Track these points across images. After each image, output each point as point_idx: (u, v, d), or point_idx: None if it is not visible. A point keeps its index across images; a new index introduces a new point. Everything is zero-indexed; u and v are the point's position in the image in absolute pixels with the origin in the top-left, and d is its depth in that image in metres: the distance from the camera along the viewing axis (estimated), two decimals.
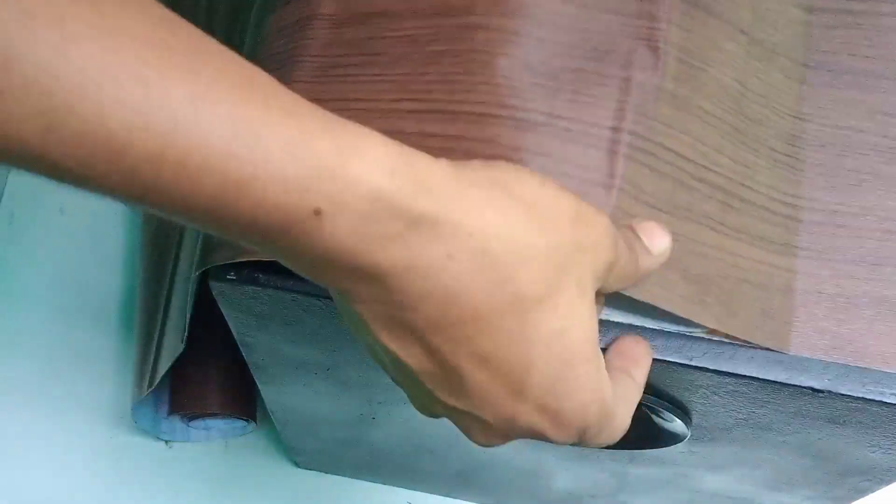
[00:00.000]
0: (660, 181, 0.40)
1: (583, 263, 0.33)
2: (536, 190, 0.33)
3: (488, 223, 0.31)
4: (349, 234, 0.29)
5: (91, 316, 0.82)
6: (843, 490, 0.55)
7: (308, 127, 0.28)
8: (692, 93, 0.41)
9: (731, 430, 0.49)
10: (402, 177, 0.30)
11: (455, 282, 0.31)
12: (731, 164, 0.42)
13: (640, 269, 0.37)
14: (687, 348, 0.42)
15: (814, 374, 0.42)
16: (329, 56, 0.42)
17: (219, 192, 0.27)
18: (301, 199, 0.28)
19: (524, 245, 0.32)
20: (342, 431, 0.64)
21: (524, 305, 0.32)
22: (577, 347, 0.34)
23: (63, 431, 0.78)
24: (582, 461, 0.60)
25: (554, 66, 0.40)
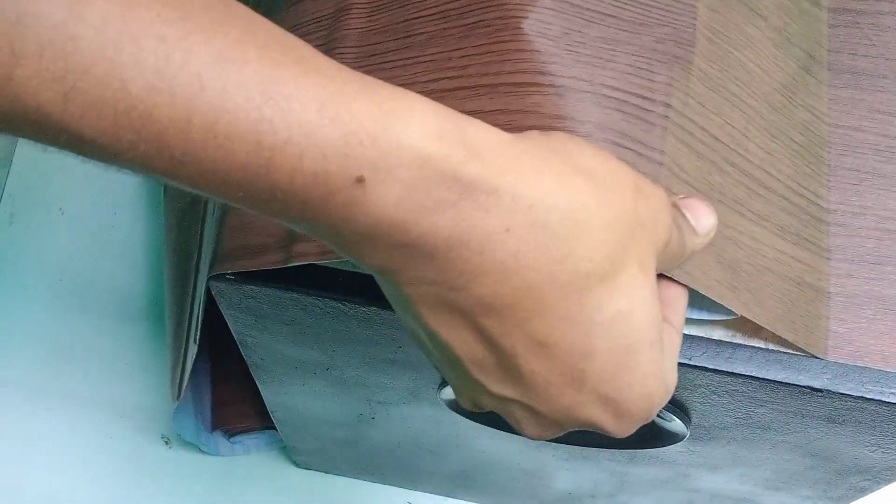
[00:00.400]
0: (697, 161, 0.39)
1: (644, 239, 0.31)
2: (595, 159, 0.30)
3: (548, 193, 0.28)
4: (395, 205, 0.27)
5: (91, 316, 0.82)
6: (842, 489, 0.55)
7: (346, 88, 0.26)
8: (722, 74, 0.40)
9: (731, 429, 0.49)
10: (451, 141, 0.27)
11: (512, 258, 0.28)
12: (756, 149, 0.41)
13: (687, 249, 0.34)
14: (686, 348, 0.42)
15: (813, 373, 0.42)
16: (367, 45, 0.40)
17: (251, 160, 0.25)
18: (341, 167, 0.26)
19: (586, 218, 0.29)
20: (341, 431, 0.64)
21: (585, 284, 0.29)
22: (641, 331, 0.31)
23: (63, 431, 0.78)
24: (582, 461, 0.60)
25: (590, 34, 0.38)
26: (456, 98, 0.37)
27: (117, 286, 0.82)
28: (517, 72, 0.37)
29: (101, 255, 0.83)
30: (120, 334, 0.81)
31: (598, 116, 0.37)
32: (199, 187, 0.27)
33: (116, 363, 0.80)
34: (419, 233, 0.28)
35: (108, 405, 0.79)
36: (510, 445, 0.59)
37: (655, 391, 0.32)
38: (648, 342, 0.31)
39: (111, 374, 0.80)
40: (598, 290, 0.30)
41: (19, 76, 0.23)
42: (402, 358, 0.48)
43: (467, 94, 0.37)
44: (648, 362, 0.32)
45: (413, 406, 0.55)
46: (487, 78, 0.37)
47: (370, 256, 0.29)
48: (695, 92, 0.39)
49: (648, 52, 0.38)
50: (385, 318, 0.43)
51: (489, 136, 0.28)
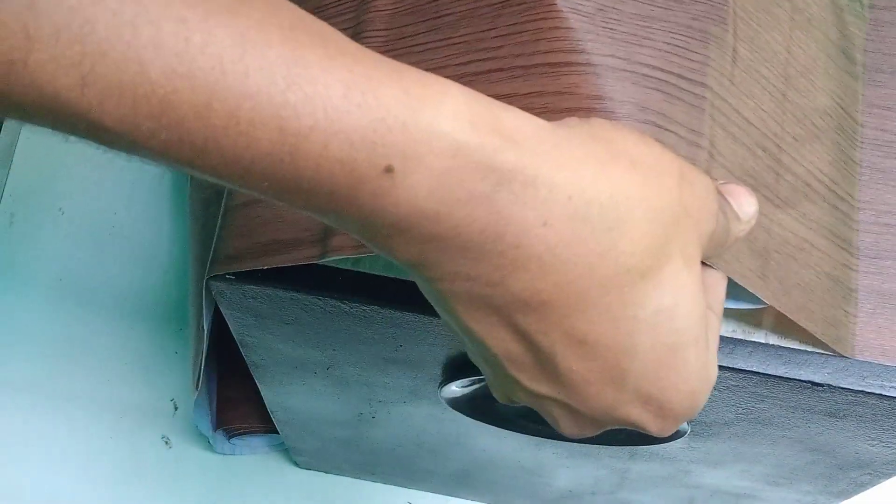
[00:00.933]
0: (733, 144, 0.37)
1: (689, 230, 0.29)
2: (638, 146, 0.29)
3: (588, 183, 0.27)
4: (427, 196, 0.26)
5: (91, 316, 0.82)
6: (843, 484, 0.55)
7: (373, 73, 0.25)
8: (753, 55, 0.39)
9: (731, 424, 0.49)
10: (485, 129, 0.26)
11: (549, 252, 0.27)
12: (782, 133, 0.40)
13: (731, 236, 0.33)
14: None
15: (814, 368, 0.42)
16: (395, 28, 0.39)
17: (275, 147, 0.24)
18: (369, 155, 0.25)
19: (628, 209, 0.28)
20: (342, 431, 0.64)
21: (627, 279, 0.28)
22: (685, 328, 0.29)
23: (63, 430, 0.78)
24: (583, 458, 0.60)
25: (625, 10, 0.36)
26: (489, 81, 0.36)
27: (117, 286, 0.82)
28: (552, 51, 0.35)
29: (101, 255, 0.83)
30: (120, 334, 0.81)
31: (638, 97, 0.35)
32: (222, 177, 0.26)
33: (116, 363, 0.80)
34: (452, 225, 0.26)
35: (108, 405, 0.79)
36: (511, 444, 0.59)
37: (700, 388, 0.31)
38: (693, 339, 0.30)
39: (111, 373, 0.80)
40: (641, 286, 0.28)
41: (35, 61, 0.22)
42: (402, 357, 0.48)
43: (501, 77, 0.36)
44: (693, 360, 0.30)
45: (413, 405, 0.55)
46: (522, 59, 0.35)
47: (401, 250, 0.28)
48: (730, 73, 0.37)
49: (684, 30, 0.36)
50: (385, 317, 0.43)
51: (526, 124, 0.27)
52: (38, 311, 0.82)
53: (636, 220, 0.28)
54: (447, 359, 0.47)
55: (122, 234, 0.84)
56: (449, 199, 0.26)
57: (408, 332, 0.44)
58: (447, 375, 0.48)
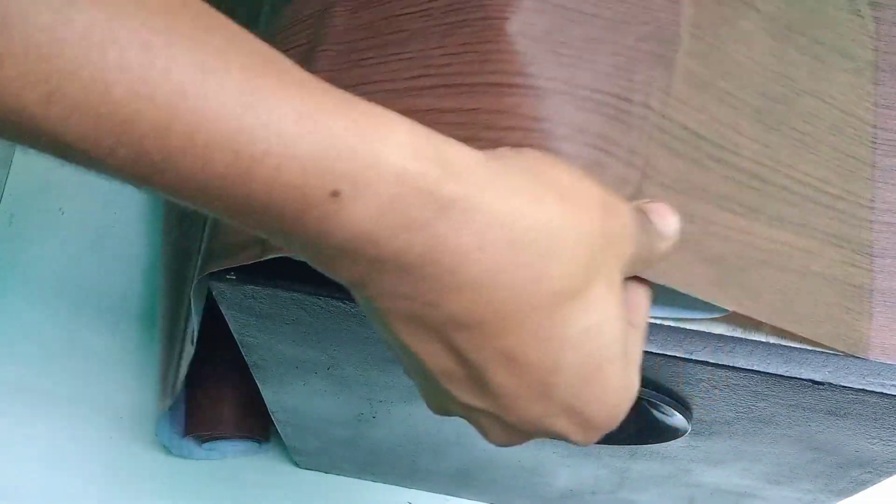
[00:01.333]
0: (675, 160, 0.39)
1: (611, 255, 0.32)
2: (566, 178, 0.31)
3: (522, 212, 0.29)
4: (371, 220, 0.27)
5: (91, 316, 0.82)
6: (843, 483, 0.55)
7: (326, 103, 0.27)
8: (707, 70, 0.40)
9: (732, 423, 0.49)
10: (428, 159, 0.28)
11: (485, 275, 0.29)
12: (749, 143, 0.41)
13: (655, 254, 0.35)
14: (687, 342, 0.42)
15: (814, 366, 0.42)
16: (349, 42, 0.40)
17: (229, 170, 0.26)
18: (318, 180, 0.26)
19: (559, 237, 0.30)
20: (342, 430, 0.64)
21: (556, 301, 0.30)
22: (609, 345, 0.32)
23: (63, 430, 0.78)
24: (583, 458, 0.60)
25: (572, 34, 0.38)
26: (435, 95, 0.37)
27: (117, 287, 0.82)
28: (498, 72, 0.37)
29: (101, 256, 0.83)
30: (120, 335, 0.81)
31: (577, 119, 0.37)
32: (176, 195, 0.27)
33: (116, 363, 0.80)
34: (393, 249, 0.28)
35: (107, 406, 0.79)
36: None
37: (621, 402, 0.33)
38: (616, 355, 0.32)
39: (111, 374, 0.80)
40: (568, 307, 0.30)
41: (3, 77, 0.23)
42: None
43: (447, 92, 0.37)
44: (615, 375, 0.32)
45: (414, 405, 0.55)
46: (469, 77, 0.37)
47: (343, 270, 0.29)
48: (676, 90, 0.39)
49: (629, 52, 0.38)
50: None
51: (465, 156, 0.29)
52: (37, 311, 0.82)
53: (566, 248, 0.30)
54: None
55: (122, 235, 0.84)
56: (391, 225, 0.27)
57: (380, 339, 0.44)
58: None
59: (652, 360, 0.43)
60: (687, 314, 0.42)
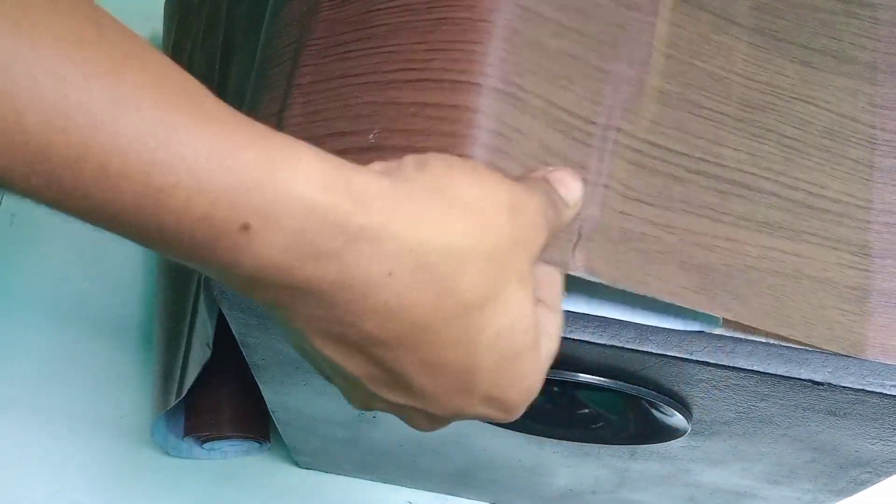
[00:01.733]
0: (650, 177, 0.40)
1: (521, 254, 0.33)
2: (471, 187, 0.32)
3: (427, 237, 0.30)
4: (280, 252, 0.28)
5: (92, 317, 0.82)
6: (842, 483, 0.55)
7: (237, 137, 0.27)
8: (682, 88, 0.42)
9: (732, 423, 0.49)
10: (336, 191, 0.28)
11: (395, 298, 0.30)
12: (732, 153, 0.42)
13: (562, 223, 0.37)
14: (687, 343, 0.42)
15: (814, 366, 0.42)
16: (332, 35, 0.41)
17: (140, 200, 0.26)
18: (228, 213, 0.27)
19: (464, 254, 0.31)
20: (343, 430, 0.64)
21: (467, 311, 0.32)
22: (521, 341, 0.34)
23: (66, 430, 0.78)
24: (583, 458, 0.60)
25: (554, 47, 0.39)
26: (416, 89, 0.38)
27: (117, 287, 0.82)
28: (481, 74, 0.38)
29: (101, 256, 0.83)
30: (121, 335, 0.81)
31: (546, 137, 0.38)
32: (88, 221, 0.27)
33: (117, 364, 0.80)
34: (304, 277, 0.29)
35: (108, 406, 0.79)
36: (511, 443, 0.59)
37: (534, 382, 0.35)
38: (528, 347, 0.34)
39: (111, 374, 0.80)
40: (480, 315, 0.32)
41: None
42: None
43: (429, 86, 0.38)
44: (527, 364, 0.34)
45: None
46: (451, 74, 0.38)
47: (257, 296, 0.30)
48: (647, 111, 0.40)
49: (602, 75, 0.40)
50: None
51: (373, 184, 0.30)
52: (37, 312, 0.82)
53: (471, 263, 0.31)
54: None
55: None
56: (301, 255, 0.28)
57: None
58: None
59: (652, 361, 0.43)
60: (680, 325, 0.42)
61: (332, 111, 0.40)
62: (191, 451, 0.76)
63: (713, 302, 0.40)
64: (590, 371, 0.46)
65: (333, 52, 0.41)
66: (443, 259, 0.30)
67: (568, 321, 0.42)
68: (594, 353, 0.43)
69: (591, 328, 0.42)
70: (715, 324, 0.42)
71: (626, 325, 0.42)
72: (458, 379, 0.33)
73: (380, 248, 0.29)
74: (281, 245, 0.28)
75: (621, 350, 0.43)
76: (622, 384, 0.46)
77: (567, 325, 0.42)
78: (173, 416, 0.74)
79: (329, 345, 0.32)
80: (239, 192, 0.27)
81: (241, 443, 0.76)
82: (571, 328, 0.42)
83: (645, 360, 0.43)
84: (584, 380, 0.46)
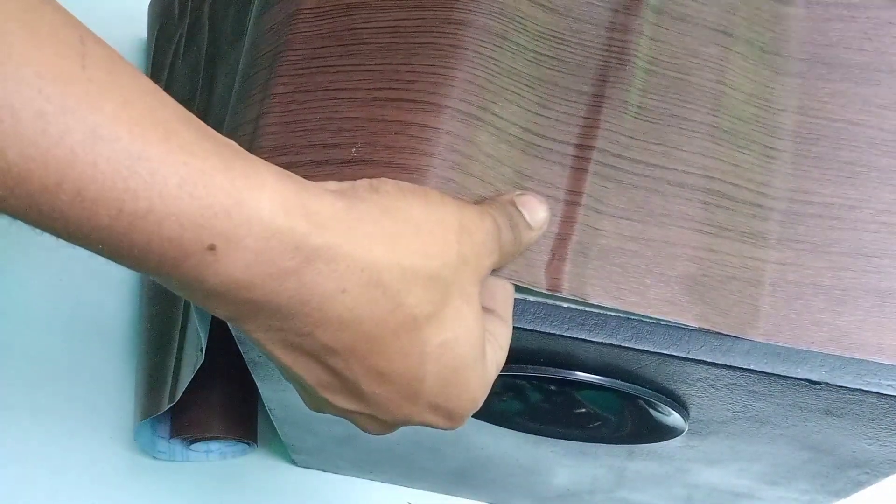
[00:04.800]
0: (629, 192, 0.42)
1: (467, 274, 0.36)
2: (422, 211, 0.35)
3: (378, 257, 0.33)
4: (243, 270, 0.30)
5: (91, 317, 0.82)
6: (840, 483, 0.55)
7: (206, 165, 0.29)
8: (664, 103, 0.43)
9: (729, 423, 0.49)
10: (296, 215, 0.31)
11: (348, 312, 0.33)
12: (717, 164, 0.43)
13: (523, 245, 0.39)
14: (685, 341, 0.42)
15: (811, 366, 0.42)
16: (310, 48, 0.43)
17: (114, 222, 0.28)
18: (195, 235, 0.29)
19: (413, 271, 0.33)
20: (340, 428, 0.64)
21: (415, 325, 0.34)
22: (465, 353, 0.36)
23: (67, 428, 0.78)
24: (580, 457, 0.60)
25: (532, 75, 0.41)
26: (399, 108, 0.40)
27: (117, 287, 0.82)
28: (463, 101, 0.40)
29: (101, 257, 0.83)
30: (120, 336, 0.81)
31: (524, 163, 0.41)
32: (62, 238, 0.30)
33: (118, 363, 0.80)
34: (264, 293, 0.31)
35: (106, 405, 0.79)
36: (509, 442, 0.59)
37: (479, 393, 0.38)
38: (473, 359, 0.37)
39: (112, 374, 0.80)
40: (426, 328, 0.35)
41: None
42: None
43: (411, 107, 0.40)
44: (472, 376, 0.37)
45: None
46: (434, 97, 0.40)
47: (219, 309, 0.32)
48: (627, 129, 0.42)
49: (580, 97, 0.42)
50: None
51: (330, 206, 0.32)
52: (37, 312, 0.82)
53: (419, 280, 0.34)
54: None
55: None
56: (263, 274, 0.31)
57: None
58: None
59: (650, 359, 0.43)
60: None
61: (312, 122, 0.41)
62: (175, 454, 0.76)
63: (688, 312, 0.42)
64: (587, 370, 0.46)
65: (312, 65, 0.42)
66: (392, 278, 0.33)
67: (564, 319, 0.42)
68: (591, 351, 0.43)
69: (588, 326, 0.42)
70: None
71: (623, 322, 0.42)
72: (405, 387, 0.36)
73: (335, 267, 0.32)
74: (244, 264, 0.30)
75: (618, 348, 0.43)
76: (619, 383, 0.46)
77: (563, 324, 0.42)
78: (158, 419, 0.74)
79: (286, 354, 0.34)
80: (206, 217, 0.29)
81: (229, 444, 0.76)
82: (568, 326, 0.42)
83: (642, 359, 0.43)
84: (581, 378, 0.46)
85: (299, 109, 0.42)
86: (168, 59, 0.77)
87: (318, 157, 0.41)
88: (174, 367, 0.68)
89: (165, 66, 0.77)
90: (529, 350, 0.44)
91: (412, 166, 0.39)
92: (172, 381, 0.67)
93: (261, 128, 0.42)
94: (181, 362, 0.67)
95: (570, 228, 0.41)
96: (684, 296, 0.42)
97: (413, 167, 0.39)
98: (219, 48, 0.68)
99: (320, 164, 0.41)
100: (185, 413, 0.73)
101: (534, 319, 0.42)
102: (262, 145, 0.42)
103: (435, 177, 0.39)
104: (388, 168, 0.39)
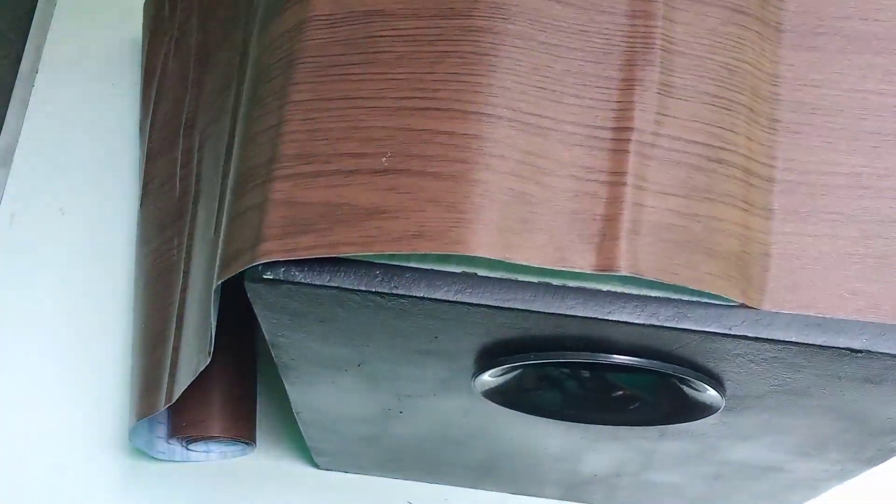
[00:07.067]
0: (671, 169, 0.42)
1: None
2: None
3: None
4: None
5: (91, 317, 0.81)
6: (872, 451, 0.55)
7: None
8: (696, 81, 0.43)
9: (765, 397, 0.49)
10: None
11: None
12: (746, 142, 0.44)
13: None
14: (725, 318, 0.42)
15: (851, 335, 0.43)
16: (327, 56, 0.43)
17: None
18: None
19: None
20: (366, 428, 0.64)
21: None
22: None
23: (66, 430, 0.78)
24: (611, 441, 0.60)
25: (558, 69, 0.42)
26: (426, 116, 0.41)
27: (117, 287, 0.82)
28: (489, 104, 0.41)
29: (101, 256, 0.83)
30: (120, 336, 0.80)
31: (561, 153, 0.42)
32: None
33: (117, 365, 0.80)
34: None
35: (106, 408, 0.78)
36: (539, 431, 0.59)
37: None
38: None
39: (113, 375, 0.79)
40: None
41: None
42: (437, 348, 0.48)
43: (439, 115, 0.41)
44: None
45: (442, 397, 0.55)
46: (459, 104, 0.41)
47: None
48: (662, 107, 0.43)
49: (611, 82, 0.43)
50: (423, 309, 0.43)
51: None
52: (37, 312, 0.81)
53: None
54: (481, 348, 0.47)
55: (122, 235, 0.84)
56: None
57: (445, 322, 0.44)
58: (480, 365, 0.48)
59: (690, 338, 0.43)
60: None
61: (337, 131, 0.42)
62: (174, 454, 0.76)
63: (734, 288, 0.42)
64: (624, 352, 0.46)
65: (332, 73, 0.43)
66: None
67: (605, 303, 0.42)
68: (632, 333, 0.43)
69: (629, 308, 0.43)
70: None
71: (665, 302, 0.42)
72: None
73: None
74: None
75: (659, 329, 0.43)
76: (658, 363, 0.46)
77: (605, 307, 0.42)
78: (155, 420, 0.74)
79: None
80: None
81: (228, 444, 0.76)
82: (609, 309, 0.42)
83: (682, 338, 0.43)
84: (618, 361, 0.46)
85: (321, 118, 0.42)
86: (160, 58, 0.77)
87: (346, 166, 0.41)
88: (170, 367, 0.67)
89: (158, 65, 0.77)
90: (569, 336, 0.44)
91: (445, 173, 0.40)
92: (169, 382, 0.67)
93: (282, 135, 0.42)
94: (178, 362, 0.67)
95: (619, 208, 0.41)
96: (732, 271, 0.42)
97: (446, 174, 0.40)
98: (208, 47, 0.69)
99: (351, 174, 0.41)
100: (183, 413, 0.73)
101: (574, 305, 0.42)
102: (286, 153, 0.42)
103: (467, 181, 0.40)
104: (421, 177, 0.40)
